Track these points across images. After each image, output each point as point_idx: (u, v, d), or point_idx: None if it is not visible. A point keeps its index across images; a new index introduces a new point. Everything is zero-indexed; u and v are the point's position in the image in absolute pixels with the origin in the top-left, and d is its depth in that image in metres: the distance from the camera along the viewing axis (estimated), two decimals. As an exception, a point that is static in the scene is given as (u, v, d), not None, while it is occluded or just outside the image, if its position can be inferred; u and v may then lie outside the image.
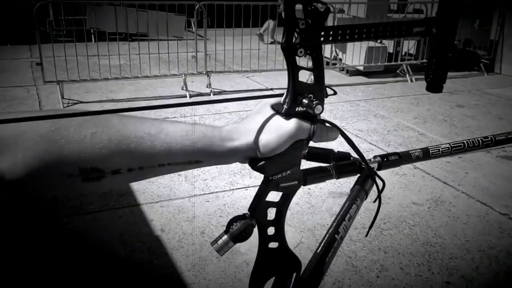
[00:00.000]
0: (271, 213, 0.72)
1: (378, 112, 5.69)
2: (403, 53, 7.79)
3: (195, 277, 2.54)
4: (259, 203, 0.69)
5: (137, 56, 6.32)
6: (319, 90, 0.67)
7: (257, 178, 0.65)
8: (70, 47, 5.82)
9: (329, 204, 3.32)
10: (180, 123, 0.65)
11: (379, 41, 7.00)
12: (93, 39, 7.58)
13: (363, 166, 0.81)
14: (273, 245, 0.72)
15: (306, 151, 0.77)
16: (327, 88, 0.69)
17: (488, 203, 3.45)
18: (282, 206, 0.72)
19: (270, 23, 9.93)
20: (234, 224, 0.68)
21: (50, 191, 0.60)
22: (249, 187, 3.56)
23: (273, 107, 0.69)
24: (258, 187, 0.70)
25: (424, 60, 7.42)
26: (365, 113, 5.62)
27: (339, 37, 0.66)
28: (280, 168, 0.68)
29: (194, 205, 3.30)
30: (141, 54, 6.17)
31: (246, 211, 0.70)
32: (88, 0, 6.41)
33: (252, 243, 0.72)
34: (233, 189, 3.54)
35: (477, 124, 5.34)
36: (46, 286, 2.45)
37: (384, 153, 0.90)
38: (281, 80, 6.96)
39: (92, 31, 7.25)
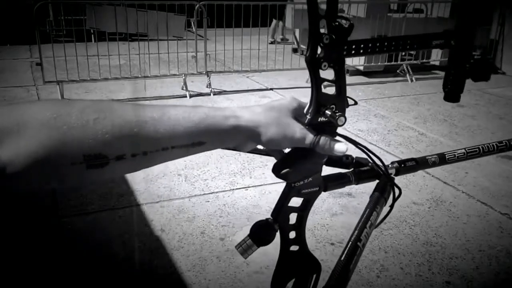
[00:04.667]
0: (292, 218, 0.74)
1: (378, 112, 5.69)
2: (403, 53, 7.78)
3: (195, 277, 2.54)
4: (281, 208, 0.72)
5: (137, 56, 6.32)
6: (341, 101, 0.69)
7: (257, 178, 0.64)
8: (70, 47, 5.82)
9: (329, 204, 3.31)
10: (182, 107, 0.65)
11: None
12: (93, 39, 7.57)
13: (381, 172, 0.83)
14: (294, 248, 0.75)
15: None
16: (347, 98, 0.71)
17: (489, 203, 3.45)
18: (303, 211, 0.75)
19: (272, 23, 9.90)
20: (258, 228, 0.71)
21: (54, 181, 0.59)
22: (249, 187, 3.56)
23: (294, 115, 0.69)
24: (280, 193, 0.73)
25: (424, 60, 7.42)
26: (365, 113, 5.62)
27: (361, 51, 0.69)
28: (302, 176, 0.71)
29: (194, 205, 3.30)
30: (141, 54, 6.17)
31: (246, 211, 0.71)
32: (88, 0, 6.41)
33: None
34: (233, 189, 3.54)
35: (478, 124, 5.34)
36: (46, 286, 2.45)
37: (401, 159, 0.93)
38: (281, 80, 6.96)
39: (92, 31, 7.24)
